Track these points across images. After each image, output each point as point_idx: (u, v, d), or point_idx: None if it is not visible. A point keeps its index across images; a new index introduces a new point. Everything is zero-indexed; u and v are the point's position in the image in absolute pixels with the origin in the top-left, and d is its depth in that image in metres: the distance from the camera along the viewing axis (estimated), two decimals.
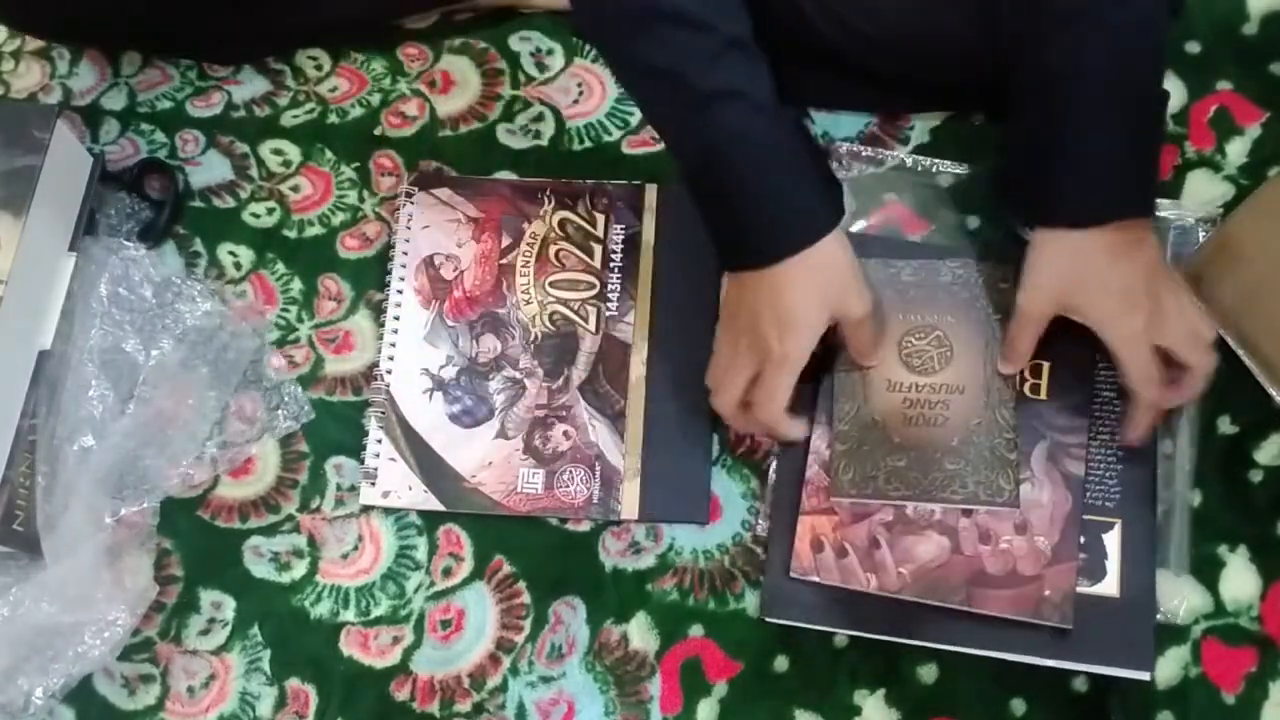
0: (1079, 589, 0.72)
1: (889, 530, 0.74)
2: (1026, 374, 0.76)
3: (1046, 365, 0.76)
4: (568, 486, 0.80)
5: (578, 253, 0.86)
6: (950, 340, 0.77)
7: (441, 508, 0.80)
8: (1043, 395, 0.76)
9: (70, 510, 0.78)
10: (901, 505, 0.75)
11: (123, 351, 0.84)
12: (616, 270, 0.85)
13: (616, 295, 0.85)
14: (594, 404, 0.82)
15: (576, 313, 0.85)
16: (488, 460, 0.81)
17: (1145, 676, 0.71)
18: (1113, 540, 0.73)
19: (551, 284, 0.86)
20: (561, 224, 0.87)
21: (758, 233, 0.71)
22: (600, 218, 0.87)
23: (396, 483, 0.81)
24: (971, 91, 0.85)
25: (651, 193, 0.87)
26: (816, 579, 0.74)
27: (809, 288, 0.71)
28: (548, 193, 0.88)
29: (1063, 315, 0.71)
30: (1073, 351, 0.75)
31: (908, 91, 0.87)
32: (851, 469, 0.76)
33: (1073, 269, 0.69)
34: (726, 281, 0.76)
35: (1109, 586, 0.72)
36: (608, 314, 0.84)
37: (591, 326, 0.84)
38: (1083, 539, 0.73)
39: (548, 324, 0.85)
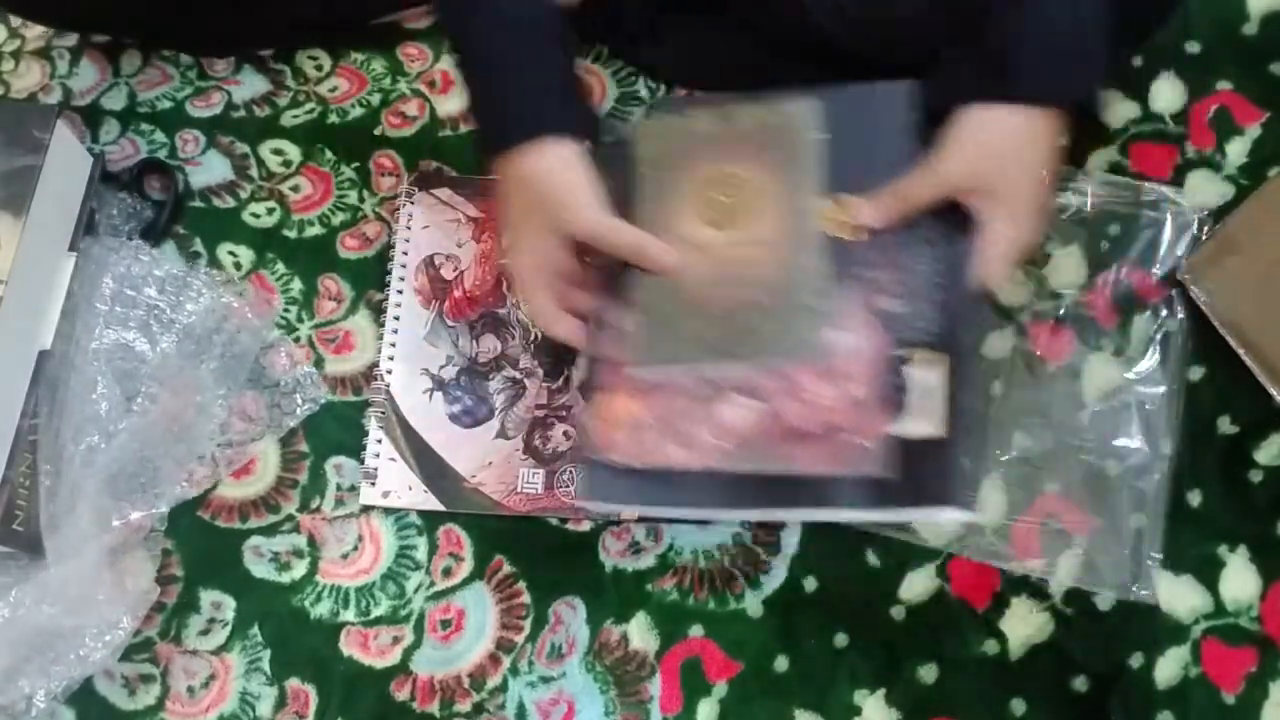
0: (902, 434, 0.68)
1: (699, 401, 0.70)
2: (837, 213, 0.72)
3: (853, 200, 0.72)
4: (568, 486, 0.80)
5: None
6: (754, 190, 0.73)
7: (441, 508, 0.80)
8: (844, 234, 0.72)
9: (76, 511, 0.78)
10: (712, 373, 0.70)
11: (127, 350, 0.84)
12: None
13: None
14: None
15: None
16: (488, 460, 0.81)
17: (968, 516, 0.68)
18: (927, 376, 0.69)
19: None
20: None
21: (486, 124, 0.75)
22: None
23: (396, 483, 0.81)
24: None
25: None
26: (630, 461, 0.71)
27: (524, 203, 0.73)
28: None
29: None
30: (885, 184, 0.72)
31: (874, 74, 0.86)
32: (652, 337, 0.71)
33: (1000, 144, 0.70)
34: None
35: (924, 425, 0.68)
36: None
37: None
38: (903, 381, 0.69)
39: None
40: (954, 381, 0.68)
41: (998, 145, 0.70)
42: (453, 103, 0.93)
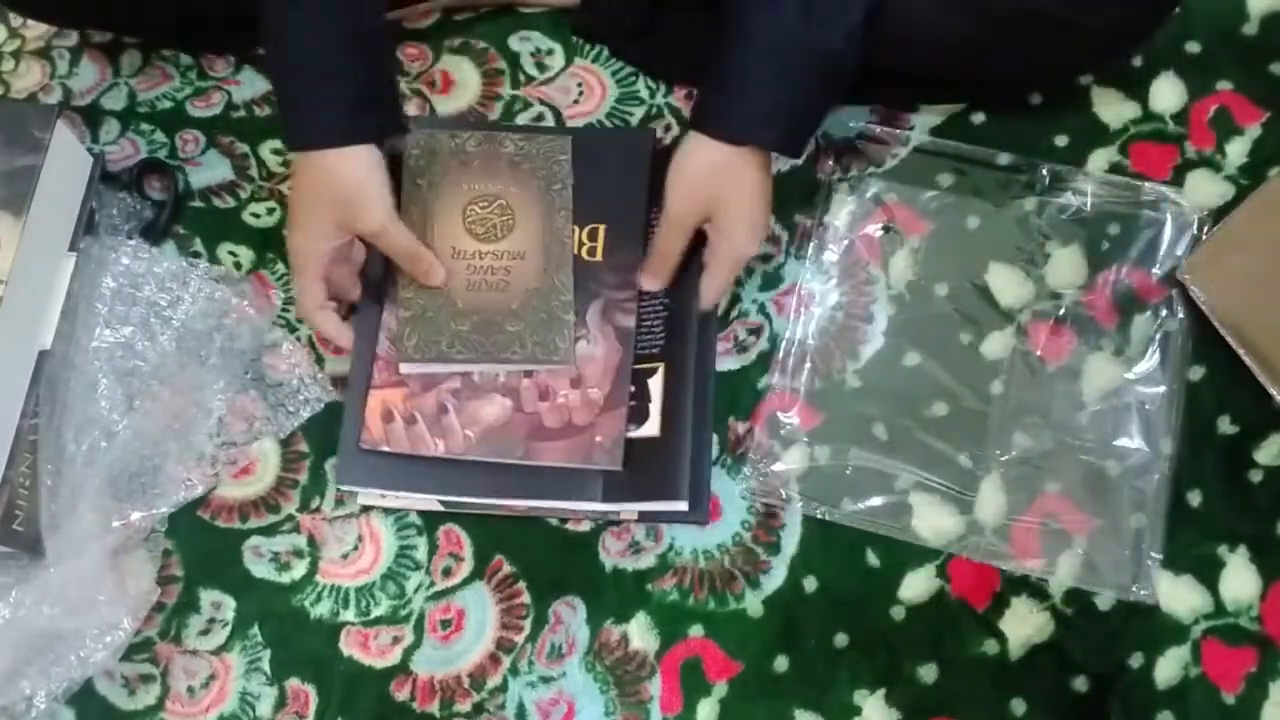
0: (629, 434, 0.77)
1: (456, 396, 0.79)
2: (584, 237, 0.82)
3: (602, 228, 0.83)
4: None
5: None
6: (512, 208, 0.82)
7: (441, 508, 0.80)
8: (598, 257, 0.82)
9: (77, 511, 0.78)
10: (468, 371, 0.79)
11: (127, 349, 0.84)
12: None
13: None
14: None
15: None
16: None
17: (681, 507, 0.76)
18: (656, 385, 0.79)
19: None
20: None
21: (288, 117, 0.77)
22: None
23: None
24: (971, 85, 0.86)
25: None
26: (387, 448, 0.78)
27: (314, 194, 0.76)
28: None
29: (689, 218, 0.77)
30: (625, 214, 0.83)
31: (908, 85, 0.87)
32: (416, 335, 0.79)
33: (705, 174, 0.76)
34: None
35: (653, 428, 0.78)
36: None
37: None
38: (633, 388, 0.79)
39: None
40: (668, 388, 0.78)
41: (703, 175, 0.76)
42: (453, 103, 0.93)
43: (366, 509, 0.82)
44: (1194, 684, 0.72)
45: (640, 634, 0.77)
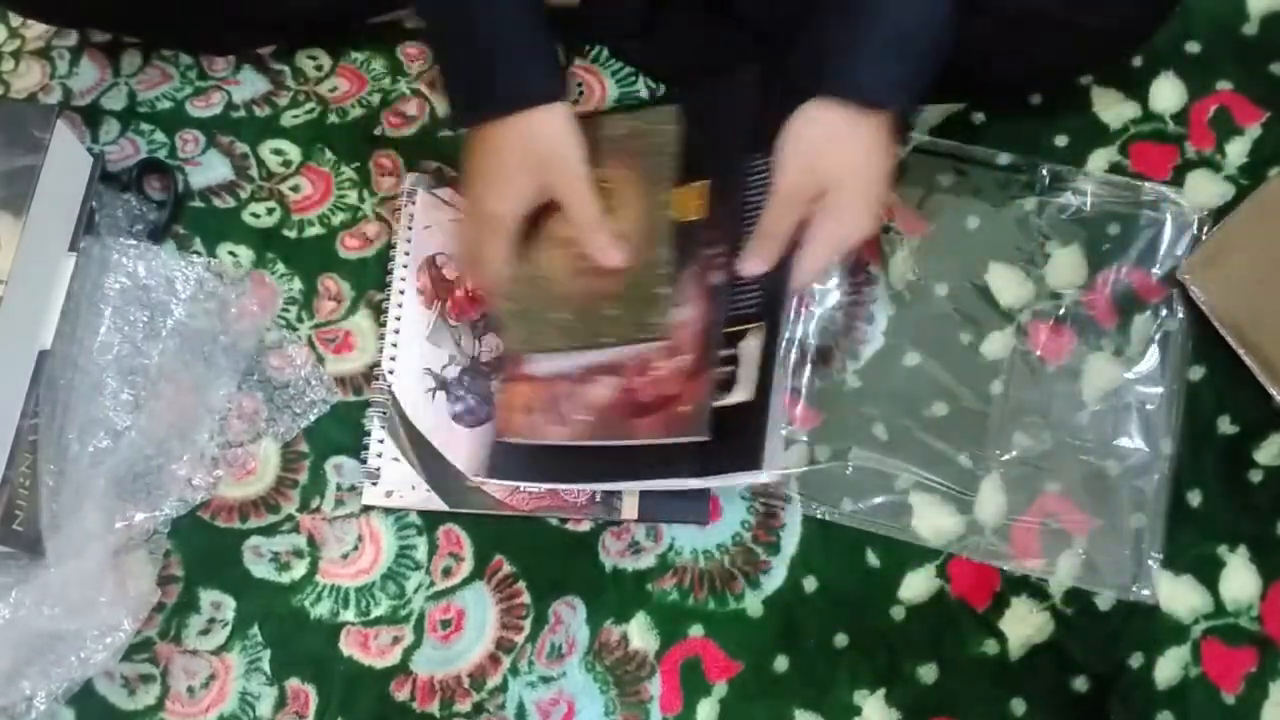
0: (723, 401, 0.73)
1: (572, 381, 0.77)
2: (685, 198, 0.78)
3: (703, 185, 0.78)
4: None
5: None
6: (615, 192, 0.79)
7: (444, 507, 0.80)
8: (699, 214, 0.78)
9: (81, 511, 0.78)
10: (578, 358, 0.77)
11: (130, 349, 0.84)
12: None
13: None
14: None
15: None
16: None
17: (758, 478, 0.73)
18: (751, 347, 0.74)
19: None
20: None
21: (475, 90, 0.76)
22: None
23: (399, 482, 0.81)
24: (971, 85, 0.86)
25: None
26: (522, 440, 0.78)
27: (518, 157, 0.75)
28: None
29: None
30: (728, 165, 0.78)
31: None
32: (520, 326, 0.78)
33: (822, 141, 0.72)
34: (465, 139, 0.78)
35: (745, 393, 0.73)
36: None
37: None
38: (724, 351, 0.74)
39: None
40: (765, 352, 0.73)
41: (822, 145, 0.72)
42: None
43: (366, 509, 0.82)
44: (1194, 684, 0.72)
45: (640, 634, 0.77)
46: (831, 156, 0.72)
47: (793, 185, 0.72)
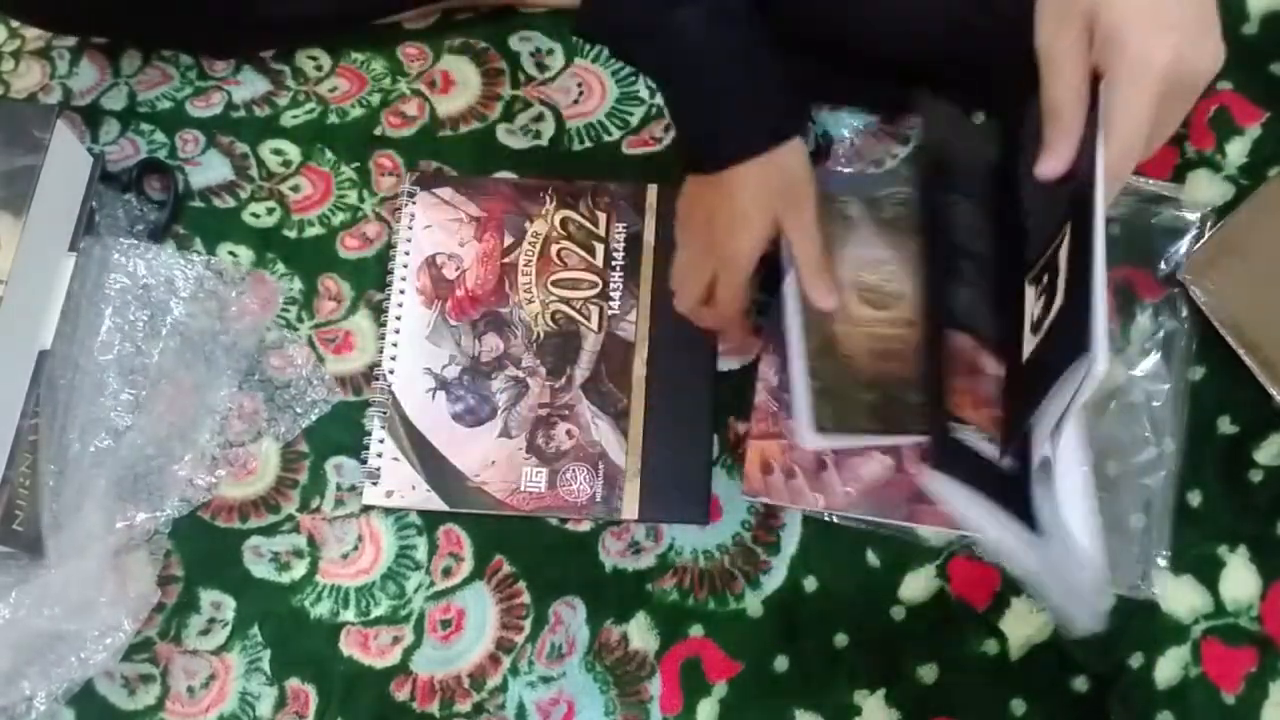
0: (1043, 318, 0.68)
1: (836, 452, 0.77)
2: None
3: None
4: (570, 485, 0.80)
5: (580, 251, 0.86)
6: (899, 273, 0.78)
7: (445, 507, 0.80)
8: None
9: (82, 511, 0.78)
10: (885, 443, 0.76)
11: (132, 350, 0.84)
12: (619, 269, 0.86)
13: (619, 294, 0.85)
14: (597, 403, 0.82)
15: (579, 311, 0.85)
16: (491, 459, 0.81)
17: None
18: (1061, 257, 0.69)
19: (554, 283, 0.86)
20: (564, 223, 0.87)
21: (723, 135, 0.72)
22: (602, 216, 0.87)
23: (400, 482, 0.81)
24: (971, 84, 0.86)
25: (653, 193, 0.87)
26: (766, 499, 0.78)
27: (761, 189, 0.71)
28: (549, 192, 0.88)
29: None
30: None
31: (910, 85, 0.87)
32: (829, 407, 0.75)
33: None
34: (688, 183, 0.76)
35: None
36: (610, 313, 0.85)
37: (594, 325, 0.84)
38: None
39: (550, 323, 0.85)
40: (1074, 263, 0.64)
41: None
42: (453, 103, 0.93)
43: (366, 509, 0.82)
44: (1194, 684, 0.72)
45: (640, 634, 0.77)
46: None
47: (1055, 35, 0.58)
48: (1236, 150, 0.84)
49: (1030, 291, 0.68)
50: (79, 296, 0.84)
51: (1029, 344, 0.67)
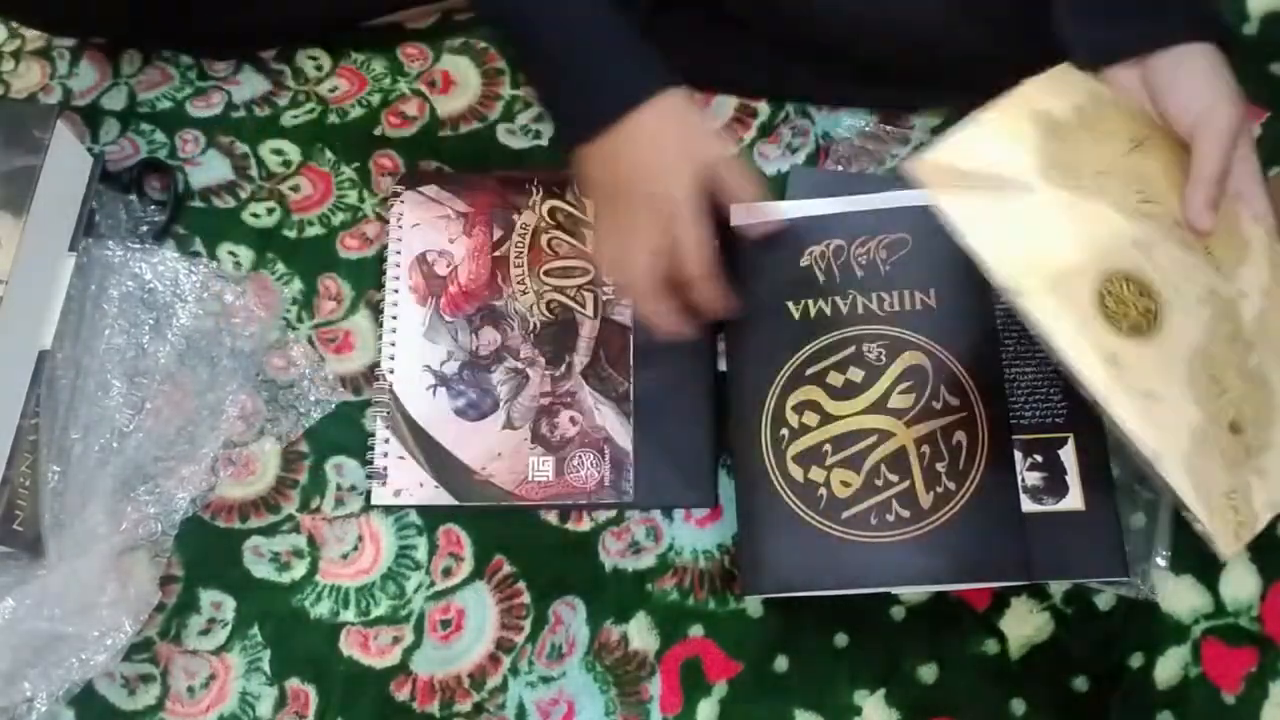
0: (1046, 507, 0.73)
1: None
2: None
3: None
4: (578, 471, 0.80)
5: (569, 239, 0.86)
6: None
7: (455, 502, 0.81)
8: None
9: (85, 512, 0.78)
10: None
11: (134, 350, 0.84)
12: None
13: None
14: (598, 388, 0.82)
15: (573, 299, 0.85)
16: (497, 452, 0.81)
17: (1122, 579, 0.72)
18: (1068, 455, 0.74)
19: (546, 272, 0.86)
20: (551, 212, 0.87)
21: (598, 94, 0.73)
22: (589, 203, 0.87)
23: (408, 480, 0.81)
24: (971, 85, 0.86)
25: None
26: None
27: (664, 135, 0.72)
28: (535, 183, 0.88)
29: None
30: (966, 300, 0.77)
31: (910, 86, 0.87)
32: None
33: (1207, 68, 0.71)
34: (581, 165, 0.76)
35: (1075, 501, 0.73)
36: (605, 298, 0.85)
37: (590, 311, 0.84)
38: (1039, 458, 0.74)
39: (546, 312, 0.85)
40: (1083, 458, 0.74)
41: (1205, 68, 0.71)
42: (453, 102, 0.93)
43: (367, 509, 0.82)
44: (1194, 684, 0.72)
45: (640, 634, 0.77)
46: (1200, 90, 0.71)
47: (1224, 114, 0.70)
48: None
49: None
50: (80, 297, 0.84)
51: (1045, 499, 0.74)
